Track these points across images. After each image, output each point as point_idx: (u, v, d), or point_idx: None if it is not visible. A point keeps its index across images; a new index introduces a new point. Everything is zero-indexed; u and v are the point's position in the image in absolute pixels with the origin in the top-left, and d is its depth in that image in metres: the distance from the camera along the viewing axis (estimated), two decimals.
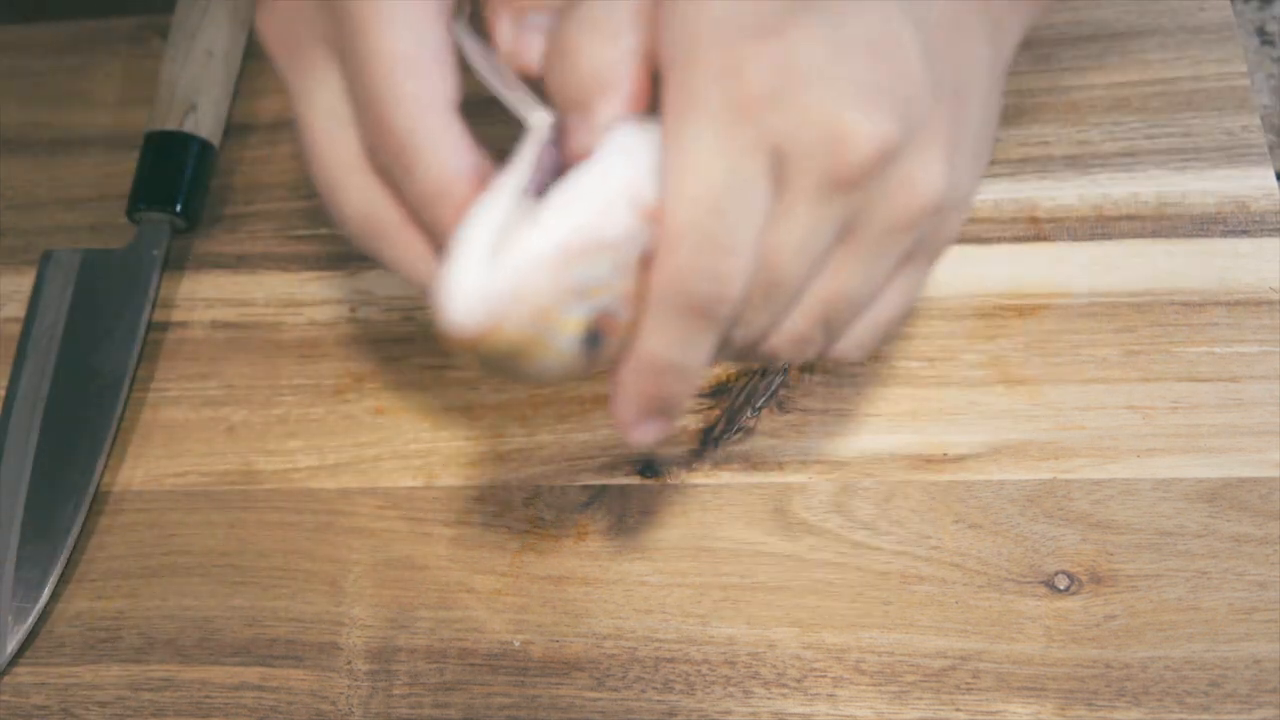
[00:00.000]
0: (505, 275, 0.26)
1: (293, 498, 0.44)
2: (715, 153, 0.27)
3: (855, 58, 0.27)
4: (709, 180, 0.27)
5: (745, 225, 0.27)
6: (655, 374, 0.29)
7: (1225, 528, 0.39)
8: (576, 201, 0.27)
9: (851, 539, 0.40)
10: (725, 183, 0.27)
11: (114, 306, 0.47)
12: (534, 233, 0.26)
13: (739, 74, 0.26)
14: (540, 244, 0.26)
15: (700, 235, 0.27)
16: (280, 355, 0.47)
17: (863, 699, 0.38)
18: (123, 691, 0.41)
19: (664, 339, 0.28)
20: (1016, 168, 0.46)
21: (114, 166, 0.52)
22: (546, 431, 0.44)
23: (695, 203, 0.27)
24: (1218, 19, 0.48)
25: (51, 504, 0.44)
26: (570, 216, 0.26)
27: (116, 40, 0.56)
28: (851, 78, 0.27)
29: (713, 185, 0.27)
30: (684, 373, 0.29)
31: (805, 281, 0.29)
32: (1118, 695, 0.37)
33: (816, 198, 0.27)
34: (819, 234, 0.28)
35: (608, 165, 0.27)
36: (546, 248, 0.26)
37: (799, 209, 0.28)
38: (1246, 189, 0.44)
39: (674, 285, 0.28)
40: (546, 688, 0.39)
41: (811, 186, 0.27)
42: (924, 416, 0.42)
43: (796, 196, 0.28)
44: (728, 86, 0.26)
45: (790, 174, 0.27)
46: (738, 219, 0.27)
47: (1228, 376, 0.41)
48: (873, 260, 0.30)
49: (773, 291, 0.29)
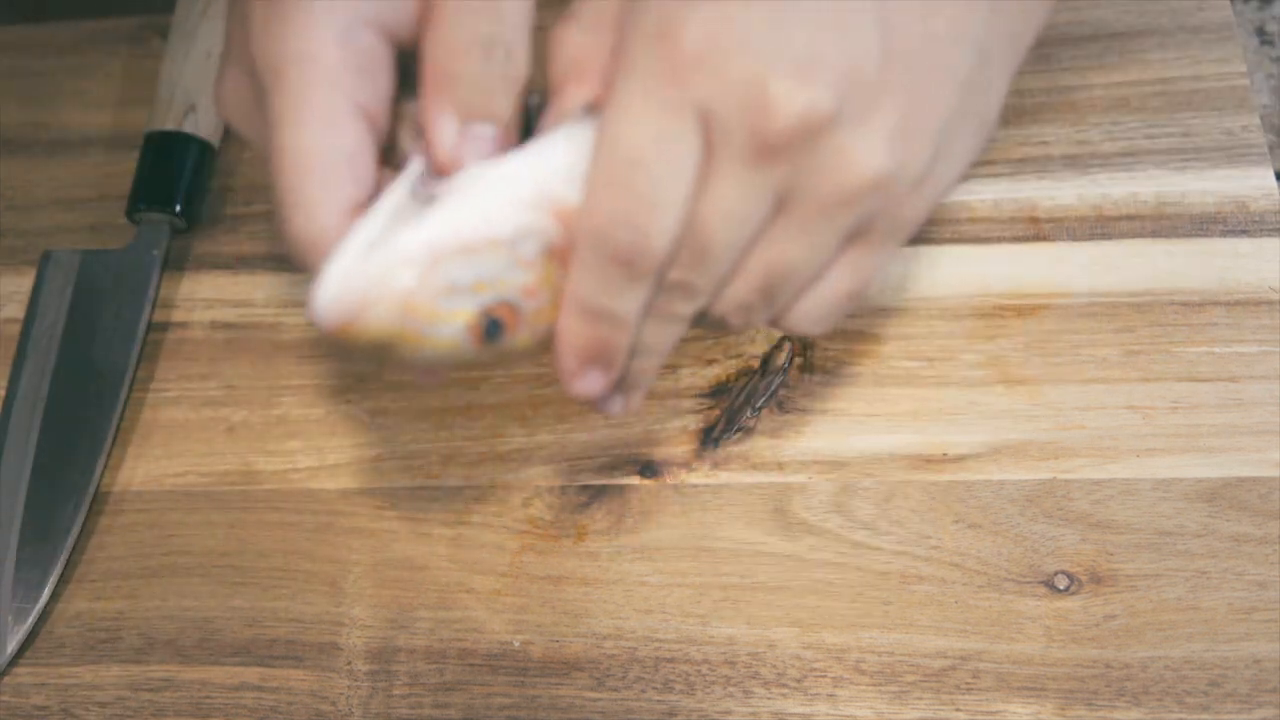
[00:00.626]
0: (366, 271, 0.27)
1: (292, 498, 0.44)
2: (643, 110, 0.27)
3: (795, 27, 0.27)
4: (633, 135, 0.27)
5: (669, 182, 0.28)
6: (586, 319, 0.30)
7: (1225, 527, 0.39)
8: (454, 205, 0.28)
9: (851, 539, 0.40)
10: (649, 138, 0.27)
11: (114, 306, 0.47)
12: (404, 234, 0.28)
13: (672, 35, 0.27)
14: (406, 244, 0.28)
15: (622, 186, 0.28)
16: (280, 355, 0.47)
17: (863, 699, 0.38)
18: (123, 692, 0.41)
19: (588, 283, 0.29)
20: (1016, 168, 0.46)
21: (114, 166, 0.52)
22: (546, 431, 0.44)
23: (619, 156, 0.28)
24: (1217, 19, 0.48)
25: (51, 504, 0.44)
26: (443, 220, 0.28)
27: (116, 40, 0.56)
28: (785, 46, 0.27)
29: (636, 140, 0.27)
30: (615, 321, 0.30)
31: (738, 248, 0.30)
32: (1118, 695, 0.37)
33: (741, 165, 0.28)
34: (747, 201, 0.28)
35: (507, 168, 0.29)
36: (411, 247, 0.27)
37: (725, 175, 0.28)
38: (1246, 189, 0.44)
39: (596, 231, 0.28)
40: (546, 688, 0.39)
41: (736, 153, 0.28)
42: (924, 416, 0.42)
43: (722, 162, 0.28)
44: (661, 47, 0.27)
45: (716, 139, 0.28)
46: (661, 175, 0.28)
47: (1227, 376, 0.41)
48: (810, 233, 0.30)
49: (704, 255, 0.29)
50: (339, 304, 0.27)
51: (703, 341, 0.44)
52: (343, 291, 0.27)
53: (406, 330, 0.28)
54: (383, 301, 0.28)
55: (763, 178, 0.28)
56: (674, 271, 0.30)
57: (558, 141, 0.29)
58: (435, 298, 0.28)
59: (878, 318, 0.44)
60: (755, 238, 0.30)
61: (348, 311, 0.27)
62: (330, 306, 0.27)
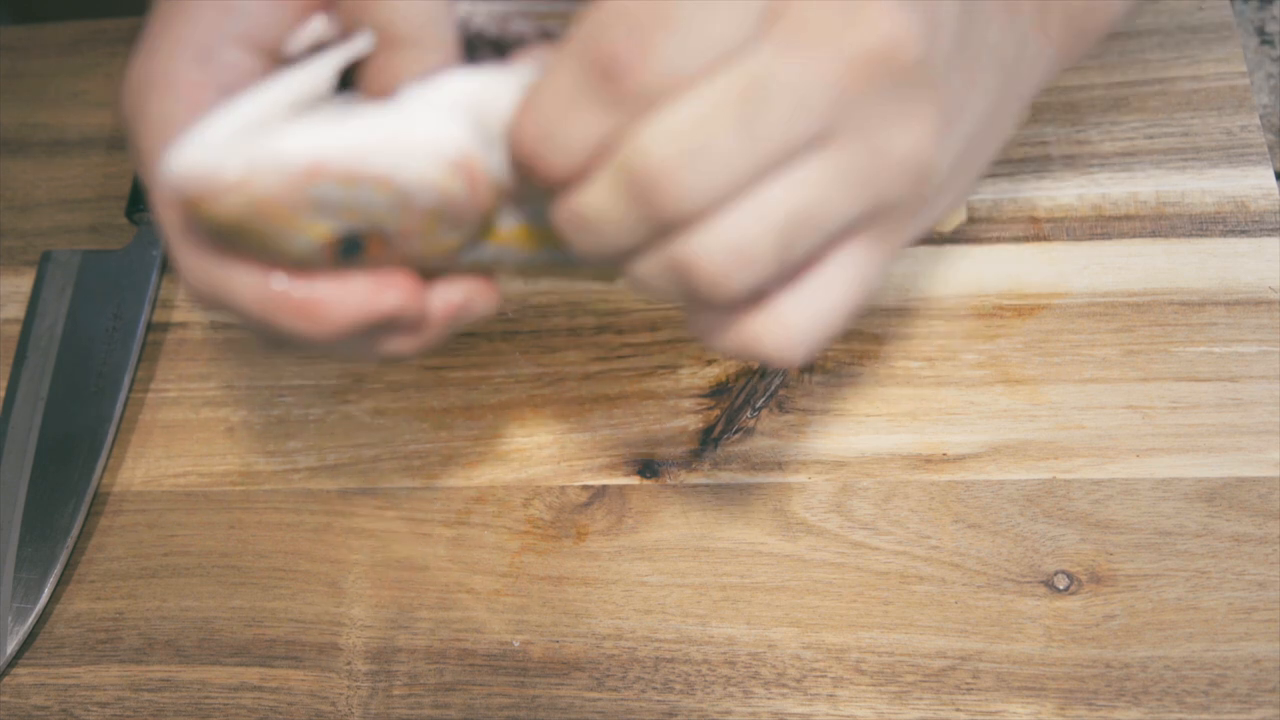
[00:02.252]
0: (225, 152, 0.25)
1: (292, 498, 0.44)
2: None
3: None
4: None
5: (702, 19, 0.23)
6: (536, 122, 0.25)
7: (1224, 527, 0.39)
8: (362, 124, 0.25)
9: (851, 539, 0.40)
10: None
11: (114, 306, 0.47)
12: (291, 134, 0.25)
13: None
14: (290, 145, 0.25)
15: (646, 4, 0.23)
16: (280, 355, 0.47)
17: (863, 699, 0.38)
18: (122, 692, 0.41)
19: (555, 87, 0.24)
20: (1016, 168, 0.46)
21: (114, 166, 0.52)
22: (546, 431, 0.44)
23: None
24: (1217, 19, 0.48)
25: (51, 504, 0.44)
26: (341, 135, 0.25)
27: (116, 40, 0.56)
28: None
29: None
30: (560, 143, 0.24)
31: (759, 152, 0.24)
32: (1118, 695, 0.37)
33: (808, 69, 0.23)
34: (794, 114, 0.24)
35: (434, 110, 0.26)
36: (293, 151, 0.25)
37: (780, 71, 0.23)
38: (1246, 189, 0.44)
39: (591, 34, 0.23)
40: (546, 688, 0.39)
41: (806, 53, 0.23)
42: (924, 416, 0.42)
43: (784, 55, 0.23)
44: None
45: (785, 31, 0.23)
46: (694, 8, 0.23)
47: (1227, 376, 0.41)
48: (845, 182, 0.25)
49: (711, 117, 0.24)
50: (191, 175, 0.25)
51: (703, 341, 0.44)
52: (202, 165, 0.25)
53: (254, 227, 0.26)
54: (236, 193, 0.25)
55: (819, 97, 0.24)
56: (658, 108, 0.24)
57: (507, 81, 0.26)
58: (296, 209, 0.25)
59: (878, 318, 0.44)
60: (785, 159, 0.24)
61: (196, 186, 0.25)
62: (181, 174, 0.25)
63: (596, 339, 0.45)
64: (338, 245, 0.26)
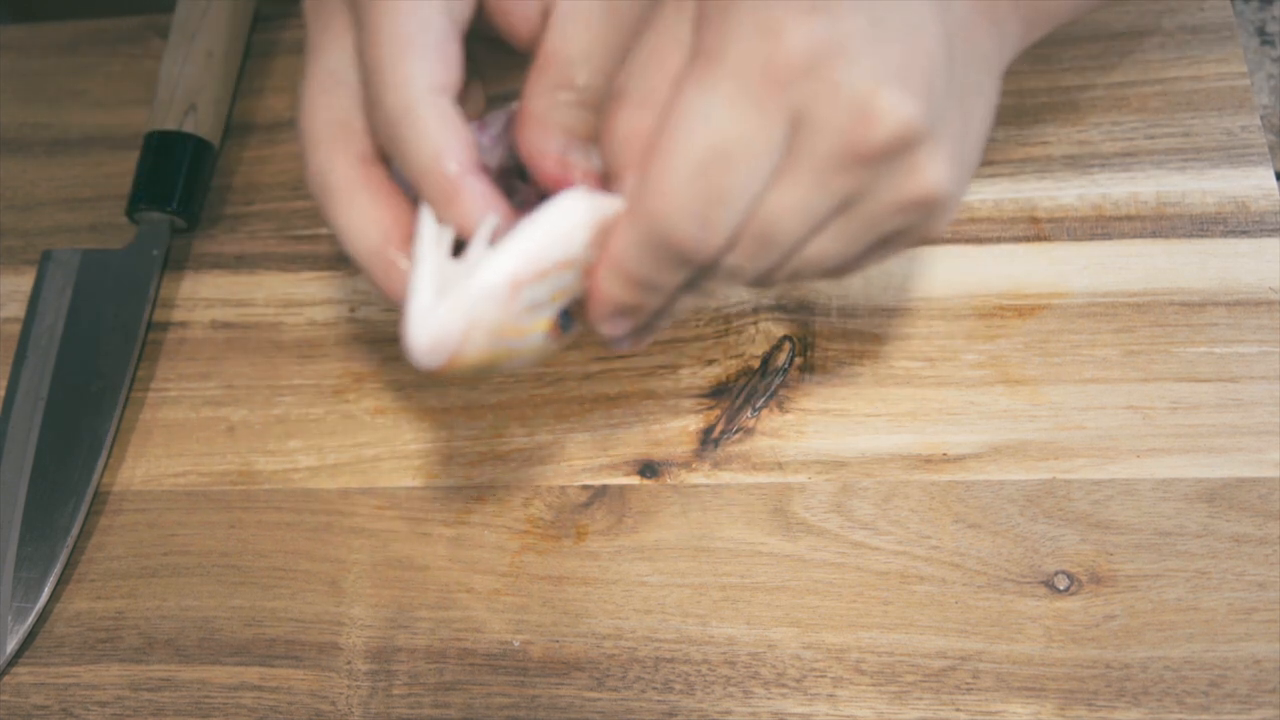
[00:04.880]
0: (454, 315, 0.29)
1: (292, 498, 0.44)
2: (735, 105, 0.27)
3: (893, 43, 0.27)
4: (719, 127, 0.27)
5: (746, 181, 0.28)
6: (627, 286, 0.30)
7: (1225, 528, 0.39)
8: (528, 235, 0.29)
9: (851, 539, 0.40)
10: (737, 132, 0.27)
11: (114, 306, 0.47)
12: (481, 270, 0.29)
13: (778, 37, 0.27)
14: (486, 280, 0.29)
15: (697, 176, 0.27)
16: (280, 355, 0.47)
17: (863, 699, 0.38)
18: (122, 691, 0.41)
19: (636, 257, 0.29)
20: (1016, 168, 0.46)
21: (114, 166, 0.52)
22: (546, 431, 0.44)
23: (699, 144, 0.27)
24: (1218, 19, 0.48)
25: (51, 504, 0.44)
26: (519, 251, 0.29)
27: (116, 40, 0.56)
28: (889, 60, 0.27)
29: (722, 133, 0.27)
30: (654, 293, 0.30)
31: (792, 247, 0.30)
32: (1118, 695, 0.37)
33: (830, 168, 0.28)
34: (821, 204, 0.29)
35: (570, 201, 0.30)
36: (493, 281, 0.29)
37: (804, 178, 0.28)
38: (1246, 189, 0.44)
39: (659, 215, 0.28)
40: (546, 688, 0.39)
41: (823, 159, 0.28)
42: (924, 416, 0.42)
43: (805, 165, 0.28)
44: (763, 47, 0.27)
45: (807, 142, 0.28)
46: (741, 172, 0.28)
47: (1227, 376, 0.41)
48: (859, 238, 0.30)
49: (765, 249, 0.29)
50: (436, 348, 0.29)
51: (703, 341, 0.44)
52: (437, 335, 0.29)
53: (499, 351, 0.31)
54: (475, 338, 0.30)
55: (842, 183, 0.28)
56: (729, 258, 0.30)
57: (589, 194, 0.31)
58: (520, 319, 0.30)
59: (878, 318, 0.44)
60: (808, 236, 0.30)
61: (446, 351, 0.29)
62: (429, 352, 0.29)
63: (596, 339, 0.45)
64: (558, 326, 0.32)
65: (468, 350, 0.30)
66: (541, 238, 0.29)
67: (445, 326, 0.29)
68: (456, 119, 0.30)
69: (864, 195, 0.29)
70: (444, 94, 0.30)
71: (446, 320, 0.29)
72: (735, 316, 0.45)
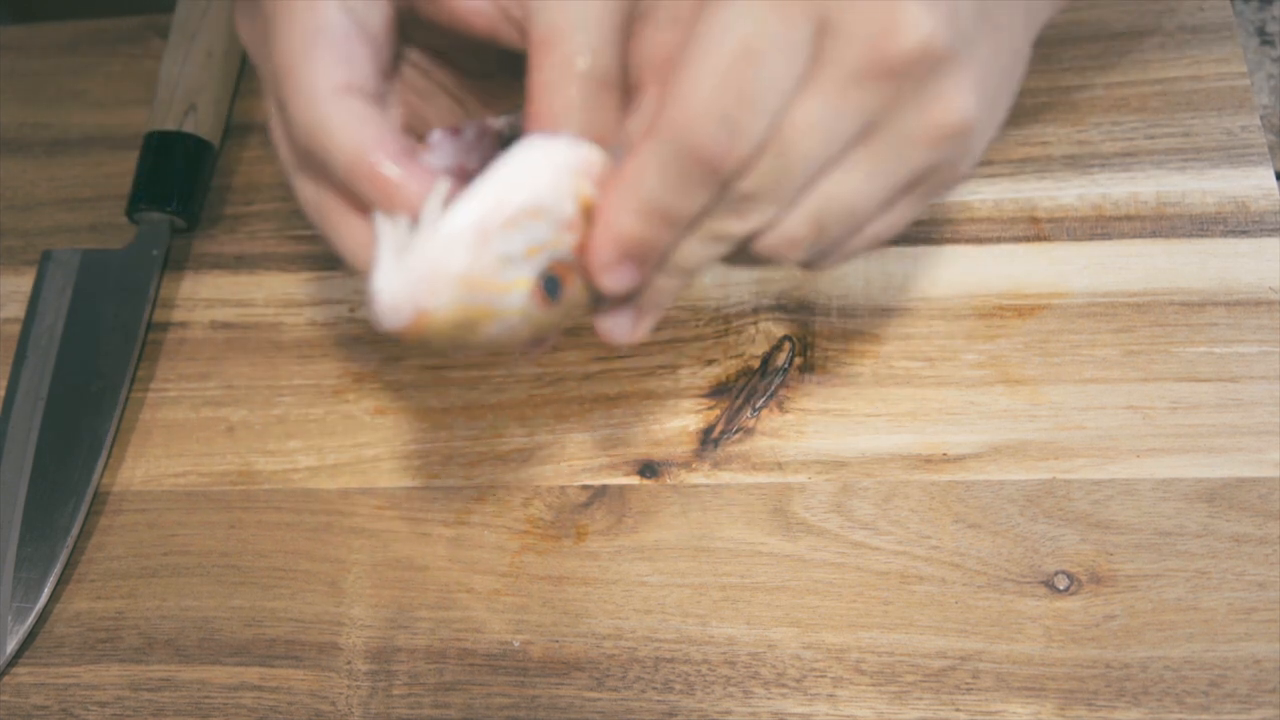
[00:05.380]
0: (417, 264, 0.27)
1: (292, 498, 0.44)
2: (761, 8, 0.26)
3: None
4: (746, 28, 0.26)
5: (773, 85, 0.27)
6: (640, 214, 0.29)
7: (1225, 528, 0.39)
8: (490, 182, 0.28)
9: (851, 539, 0.40)
10: (763, 34, 0.26)
11: (114, 306, 0.47)
12: (445, 218, 0.28)
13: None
14: (451, 227, 0.28)
15: (725, 78, 0.27)
16: (280, 355, 0.47)
17: (863, 699, 0.38)
18: (122, 691, 0.41)
19: (654, 178, 0.28)
20: (1016, 168, 0.46)
21: (114, 166, 0.52)
22: (546, 431, 0.44)
23: (726, 46, 0.27)
24: (1218, 19, 0.48)
25: (51, 504, 0.44)
26: (480, 197, 0.28)
27: (116, 40, 0.56)
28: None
29: (749, 33, 0.26)
30: (671, 221, 0.29)
31: (817, 166, 0.29)
32: (1118, 695, 0.37)
33: (847, 81, 0.27)
34: (842, 119, 0.28)
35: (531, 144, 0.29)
36: (456, 228, 0.28)
37: (826, 88, 0.27)
38: (1246, 189, 0.44)
39: (683, 123, 0.27)
40: (546, 688, 0.39)
41: (846, 68, 0.27)
42: (924, 416, 0.42)
43: (828, 74, 0.27)
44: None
45: (831, 49, 0.27)
46: (769, 76, 0.27)
47: (1227, 376, 0.41)
48: (885, 170, 0.29)
49: (783, 167, 0.28)
50: (402, 300, 0.27)
51: (703, 341, 0.44)
52: (401, 286, 0.27)
53: (475, 308, 0.28)
54: (443, 285, 0.28)
55: (864, 99, 0.27)
56: (745, 181, 0.29)
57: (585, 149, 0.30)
58: (493, 271, 0.28)
59: (878, 318, 0.44)
60: (831, 163, 0.29)
61: (412, 304, 0.27)
62: (394, 305, 0.27)
63: (596, 339, 0.45)
64: (542, 288, 0.30)
65: (437, 305, 0.28)
66: (503, 181, 0.28)
67: (407, 277, 0.27)
68: (369, 113, 0.29)
69: (888, 118, 0.28)
70: (352, 92, 0.29)
71: (409, 271, 0.27)
72: (735, 316, 0.45)
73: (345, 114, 0.29)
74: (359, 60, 0.30)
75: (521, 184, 0.28)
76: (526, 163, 0.29)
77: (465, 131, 0.32)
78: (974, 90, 0.28)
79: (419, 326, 0.28)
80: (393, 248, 0.28)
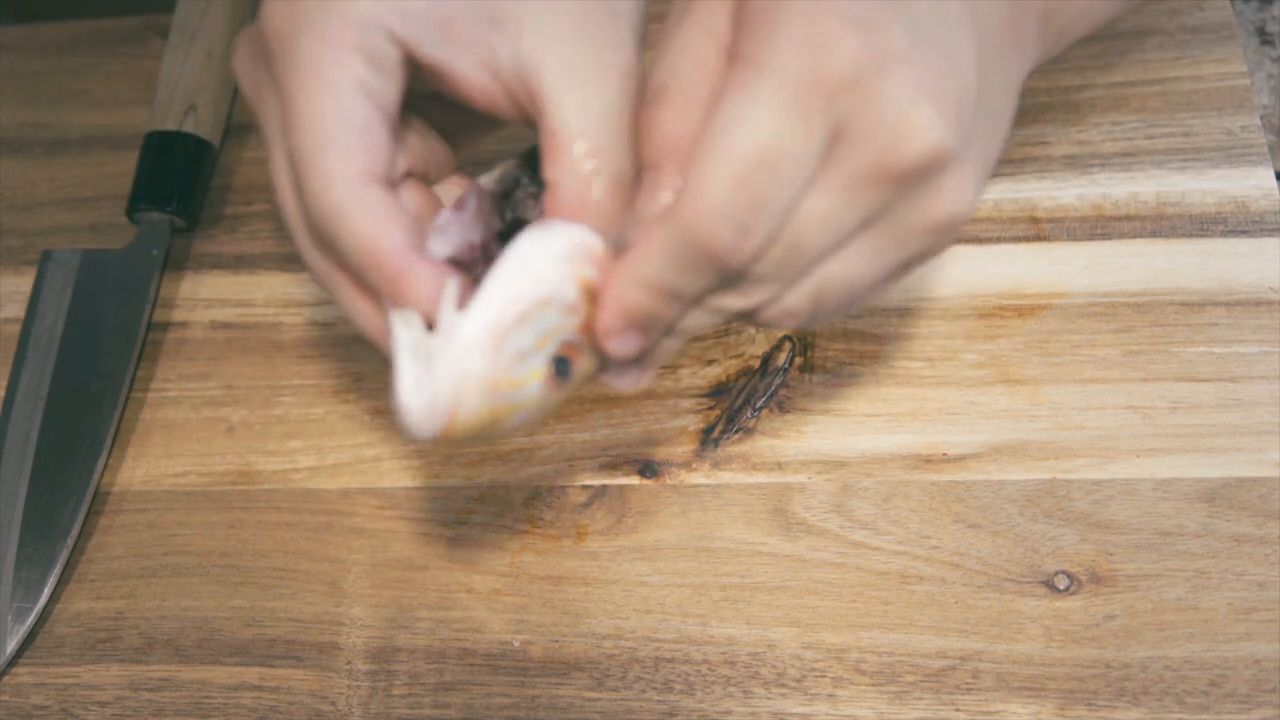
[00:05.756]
0: (441, 375, 0.29)
1: (292, 498, 0.44)
2: (780, 113, 0.27)
3: (934, 66, 0.28)
4: (765, 135, 0.27)
5: (786, 189, 0.28)
6: (648, 292, 0.30)
7: (1225, 528, 0.39)
8: (498, 282, 0.29)
9: (851, 539, 0.40)
10: (780, 139, 0.27)
11: (114, 306, 0.47)
12: (460, 324, 0.29)
13: (828, 50, 0.27)
14: (466, 333, 0.29)
15: (740, 181, 0.27)
16: (280, 355, 0.47)
17: (863, 699, 0.38)
18: (122, 691, 0.41)
19: (661, 262, 0.29)
20: (1016, 168, 0.46)
21: (114, 166, 0.52)
22: (546, 431, 0.44)
23: (741, 149, 0.27)
24: (1218, 19, 0.48)
25: (51, 504, 0.44)
26: (489, 299, 0.29)
27: (116, 40, 0.56)
28: (929, 82, 0.27)
29: (766, 138, 0.27)
30: (674, 297, 0.30)
31: (818, 257, 0.30)
32: (1118, 695, 0.37)
33: (863, 181, 0.28)
34: (849, 215, 0.29)
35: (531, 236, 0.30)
36: (472, 335, 0.29)
37: (837, 188, 0.28)
38: (1246, 189, 0.44)
39: (696, 223, 0.28)
40: (546, 688, 0.39)
41: (861, 170, 0.28)
42: (924, 416, 0.42)
43: (842, 173, 0.28)
44: (811, 58, 0.27)
45: (844, 152, 0.28)
46: (782, 178, 0.28)
47: (1227, 376, 0.41)
48: (885, 256, 0.30)
49: (791, 260, 0.29)
50: (431, 414, 0.29)
51: (703, 341, 0.44)
52: (427, 401, 0.29)
53: (497, 408, 0.30)
54: (467, 395, 0.29)
55: (871, 198, 0.28)
56: (755, 267, 0.30)
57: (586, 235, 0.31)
58: (510, 369, 0.30)
59: (878, 318, 0.44)
60: (833, 250, 0.30)
61: (440, 417, 0.29)
62: (422, 420, 0.29)
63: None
64: (554, 373, 0.31)
65: (463, 411, 0.29)
66: (510, 280, 0.29)
67: (434, 389, 0.29)
68: (387, 205, 0.30)
69: (890, 212, 0.29)
70: (371, 182, 0.30)
71: (434, 383, 0.29)
72: None
73: (363, 205, 0.30)
74: (377, 144, 0.30)
75: (527, 279, 0.29)
76: (529, 257, 0.30)
77: (467, 203, 0.32)
78: (972, 184, 0.29)
79: (447, 435, 0.29)
80: (410, 353, 0.29)
